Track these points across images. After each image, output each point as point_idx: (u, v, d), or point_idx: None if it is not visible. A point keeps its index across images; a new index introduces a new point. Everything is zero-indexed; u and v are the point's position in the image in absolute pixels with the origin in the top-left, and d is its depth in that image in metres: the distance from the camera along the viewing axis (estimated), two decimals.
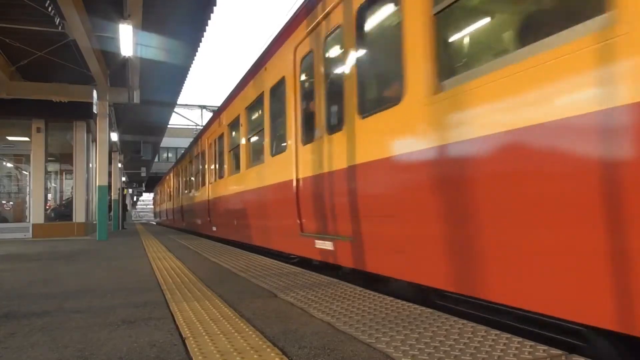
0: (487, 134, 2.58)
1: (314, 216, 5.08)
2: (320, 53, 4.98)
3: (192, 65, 12.93)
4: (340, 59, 4.51)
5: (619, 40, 1.93)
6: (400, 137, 3.47)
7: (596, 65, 2.03)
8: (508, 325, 3.10)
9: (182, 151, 21.99)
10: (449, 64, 3.13)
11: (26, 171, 15.09)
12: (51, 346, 2.27)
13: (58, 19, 8.85)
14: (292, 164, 5.62)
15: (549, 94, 2.23)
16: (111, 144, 17.53)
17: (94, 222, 14.89)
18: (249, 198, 8.00)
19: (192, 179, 15.51)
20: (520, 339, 2.16)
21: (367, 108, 3.99)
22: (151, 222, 52.41)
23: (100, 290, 4.01)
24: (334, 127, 4.63)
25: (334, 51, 4.80)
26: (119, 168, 24.02)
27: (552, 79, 2.22)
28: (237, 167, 8.96)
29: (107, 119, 12.98)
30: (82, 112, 13.53)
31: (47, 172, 14.82)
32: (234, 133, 9.52)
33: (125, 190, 32.90)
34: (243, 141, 8.42)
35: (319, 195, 4.91)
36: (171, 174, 23.20)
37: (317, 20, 4.98)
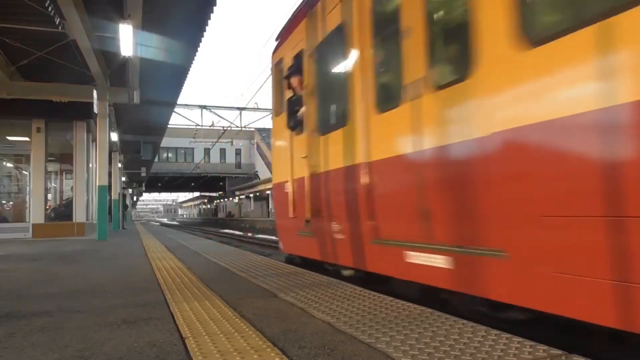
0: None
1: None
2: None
3: (192, 65, 12.93)
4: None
5: None
6: None
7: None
8: (508, 325, 3.10)
9: (182, 151, 21.18)
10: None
11: (26, 171, 15.08)
12: (51, 346, 2.27)
13: (58, 19, 8.85)
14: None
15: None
16: (111, 144, 17.52)
17: (94, 222, 14.89)
18: None
19: None
20: (520, 339, 2.16)
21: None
22: (152, 223, 52.23)
23: (100, 290, 4.01)
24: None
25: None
26: (119, 168, 24.03)
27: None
28: None
29: (107, 119, 12.97)
30: (82, 112, 13.54)
31: (47, 172, 14.81)
32: None
33: (125, 190, 32.89)
34: None
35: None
36: None
37: None
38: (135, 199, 56.77)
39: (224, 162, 57.41)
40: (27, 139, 14.26)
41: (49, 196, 15.50)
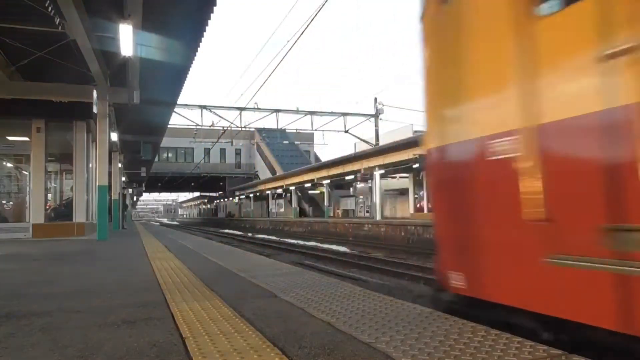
0: None
1: None
2: None
3: (192, 65, 12.92)
4: None
5: None
6: None
7: None
8: (508, 325, 3.09)
9: (182, 151, 21.16)
10: None
11: (26, 171, 15.09)
12: (51, 346, 2.27)
13: (58, 19, 8.84)
14: None
15: None
16: (111, 144, 17.52)
17: (94, 222, 14.89)
18: None
19: None
20: (520, 339, 2.16)
21: None
22: (152, 223, 52.23)
23: (100, 291, 4.01)
24: None
25: None
26: (119, 168, 24.03)
27: None
28: None
29: (107, 119, 12.97)
30: (82, 112, 13.54)
31: (47, 172, 14.82)
32: None
33: (125, 190, 32.92)
34: None
35: None
36: None
37: None
38: (135, 199, 56.80)
39: (224, 162, 57.49)
40: (27, 139, 14.26)
41: (49, 196, 15.50)
